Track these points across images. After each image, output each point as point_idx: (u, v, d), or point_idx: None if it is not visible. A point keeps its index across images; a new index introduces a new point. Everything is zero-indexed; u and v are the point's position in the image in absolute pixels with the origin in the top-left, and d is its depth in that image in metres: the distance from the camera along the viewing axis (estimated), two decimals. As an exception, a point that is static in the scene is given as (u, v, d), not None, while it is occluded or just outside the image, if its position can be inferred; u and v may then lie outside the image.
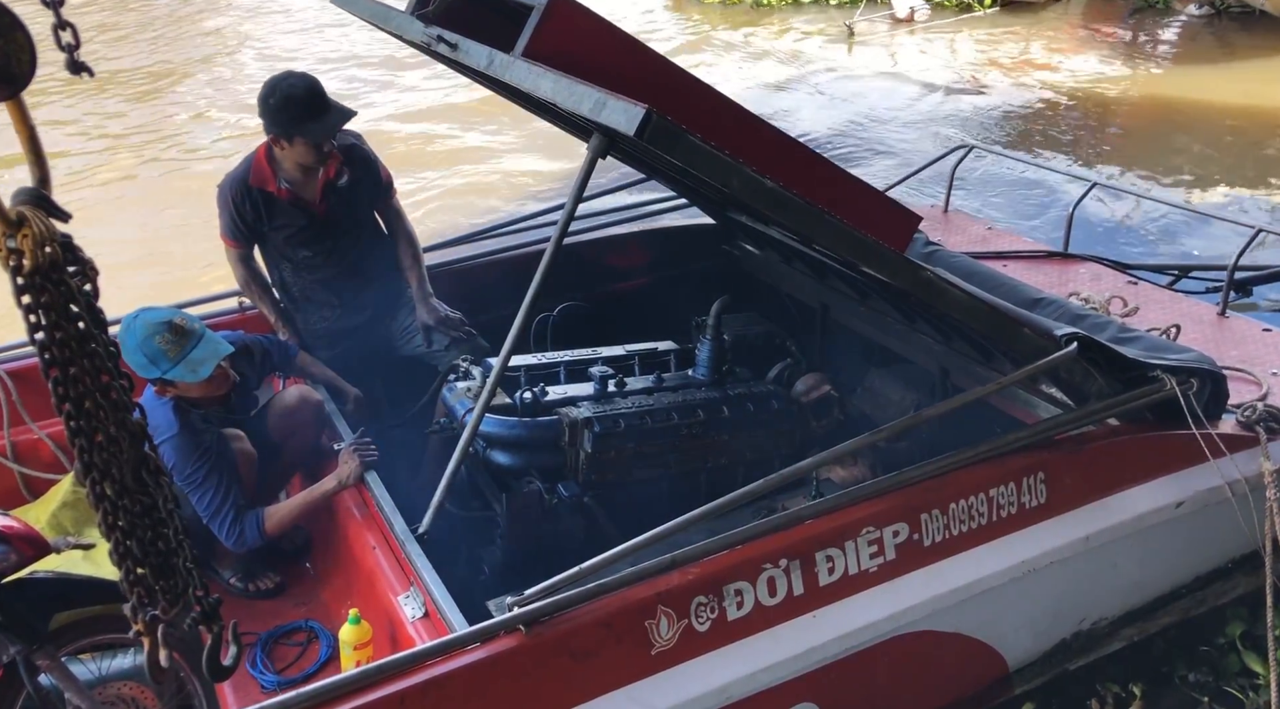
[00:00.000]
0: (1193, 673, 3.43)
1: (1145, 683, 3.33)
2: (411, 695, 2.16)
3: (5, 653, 2.72)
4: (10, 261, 1.31)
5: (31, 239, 1.30)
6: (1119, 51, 12.73)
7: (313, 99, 3.38)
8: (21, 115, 1.33)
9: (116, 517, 1.50)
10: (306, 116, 3.37)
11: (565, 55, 2.48)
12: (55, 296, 1.34)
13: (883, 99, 10.78)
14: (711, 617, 2.45)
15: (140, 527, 1.52)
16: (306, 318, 3.84)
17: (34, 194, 1.35)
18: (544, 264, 2.60)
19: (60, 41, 1.33)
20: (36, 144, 1.35)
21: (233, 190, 3.60)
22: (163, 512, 1.55)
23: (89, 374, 1.42)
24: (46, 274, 1.33)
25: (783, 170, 2.62)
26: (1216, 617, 3.53)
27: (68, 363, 1.39)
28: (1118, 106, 10.72)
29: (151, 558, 1.54)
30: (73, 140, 9.88)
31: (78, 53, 1.35)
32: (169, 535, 1.56)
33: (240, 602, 3.26)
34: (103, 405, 1.44)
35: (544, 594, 2.30)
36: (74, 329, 1.38)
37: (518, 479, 3.19)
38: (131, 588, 1.55)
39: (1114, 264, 4.82)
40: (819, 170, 2.85)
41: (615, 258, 4.61)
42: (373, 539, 2.93)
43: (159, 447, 2.90)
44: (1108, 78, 11.60)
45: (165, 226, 7.79)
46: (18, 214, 1.31)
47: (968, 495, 2.75)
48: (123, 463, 1.48)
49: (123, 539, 1.51)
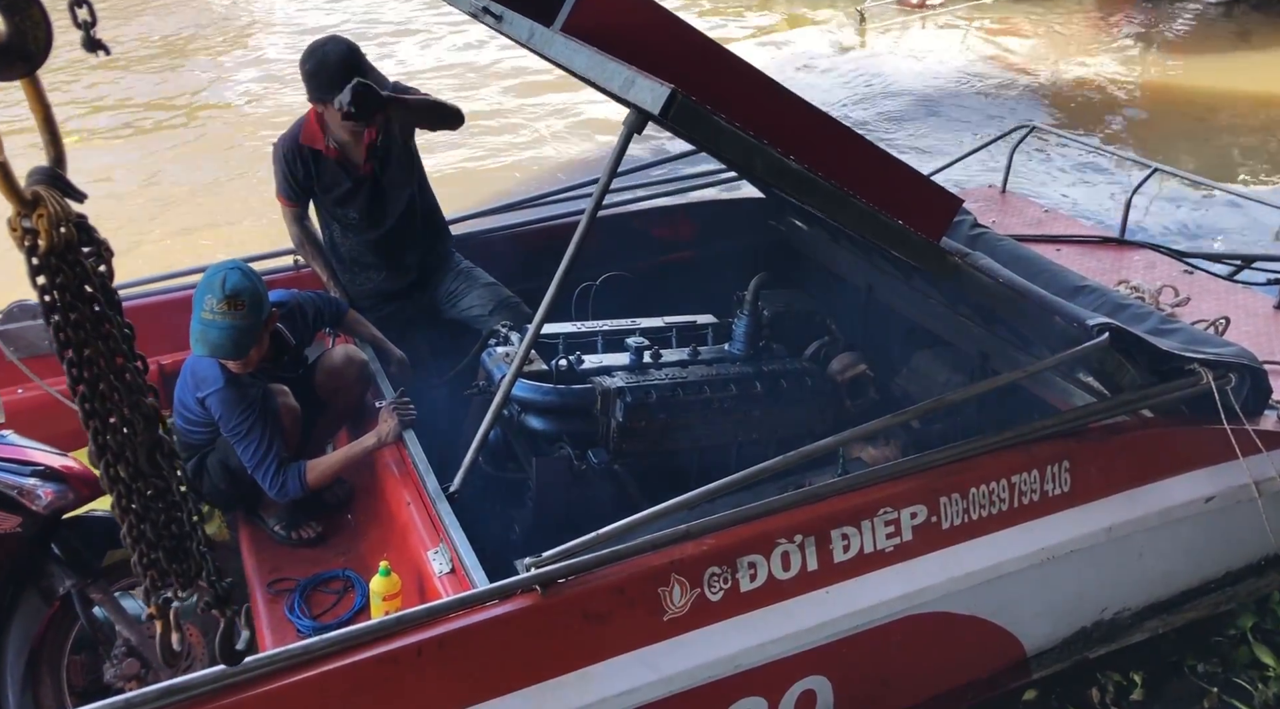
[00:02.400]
0: (1202, 664, 3.43)
1: (1152, 673, 3.34)
2: (429, 647, 2.25)
3: (62, 585, 2.90)
4: (26, 242, 1.31)
5: (47, 219, 1.29)
6: (1135, 38, 12.44)
7: (344, 67, 3.44)
8: (37, 93, 1.32)
9: (130, 500, 1.49)
10: (337, 84, 3.42)
11: (604, 30, 2.52)
12: (70, 277, 1.34)
13: (897, 83, 10.65)
14: (724, 587, 2.51)
15: (154, 510, 1.52)
16: (354, 279, 3.96)
17: (49, 174, 1.33)
18: (577, 236, 2.65)
19: (76, 18, 1.32)
20: (52, 123, 1.34)
21: (285, 148, 3.73)
22: (176, 496, 1.54)
23: (104, 356, 1.41)
24: (62, 255, 1.32)
25: (818, 151, 2.65)
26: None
27: (82, 344, 1.38)
28: (1135, 94, 10.47)
29: (165, 542, 1.54)
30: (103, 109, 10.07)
31: (94, 29, 1.33)
32: (182, 519, 1.56)
33: (283, 549, 3.39)
34: (117, 388, 1.43)
35: (560, 557, 2.38)
36: (89, 310, 1.37)
37: (550, 444, 3.27)
38: (145, 571, 1.55)
39: (1171, 252, 4.73)
40: (856, 151, 2.86)
41: (663, 229, 4.65)
42: (408, 495, 3.03)
43: (206, 399, 3.06)
44: (1124, 64, 11.36)
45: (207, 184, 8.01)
46: (33, 194, 1.30)
47: (989, 481, 2.77)
48: (137, 446, 1.47)
49: (136, 523, 1.51)
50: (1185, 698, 3.34)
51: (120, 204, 7.65)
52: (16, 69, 1.28)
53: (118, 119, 9.60)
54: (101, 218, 1.45)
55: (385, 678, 2.22)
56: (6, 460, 2.82)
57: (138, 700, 1.99)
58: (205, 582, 1.61)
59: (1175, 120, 9.64)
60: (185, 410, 3.24)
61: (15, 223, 1.30)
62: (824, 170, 2.63)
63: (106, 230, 1.42)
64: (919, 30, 12.77)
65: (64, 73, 9.95)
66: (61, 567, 2.89)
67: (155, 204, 7.83)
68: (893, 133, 9.19)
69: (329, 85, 3.47)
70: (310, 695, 2.16)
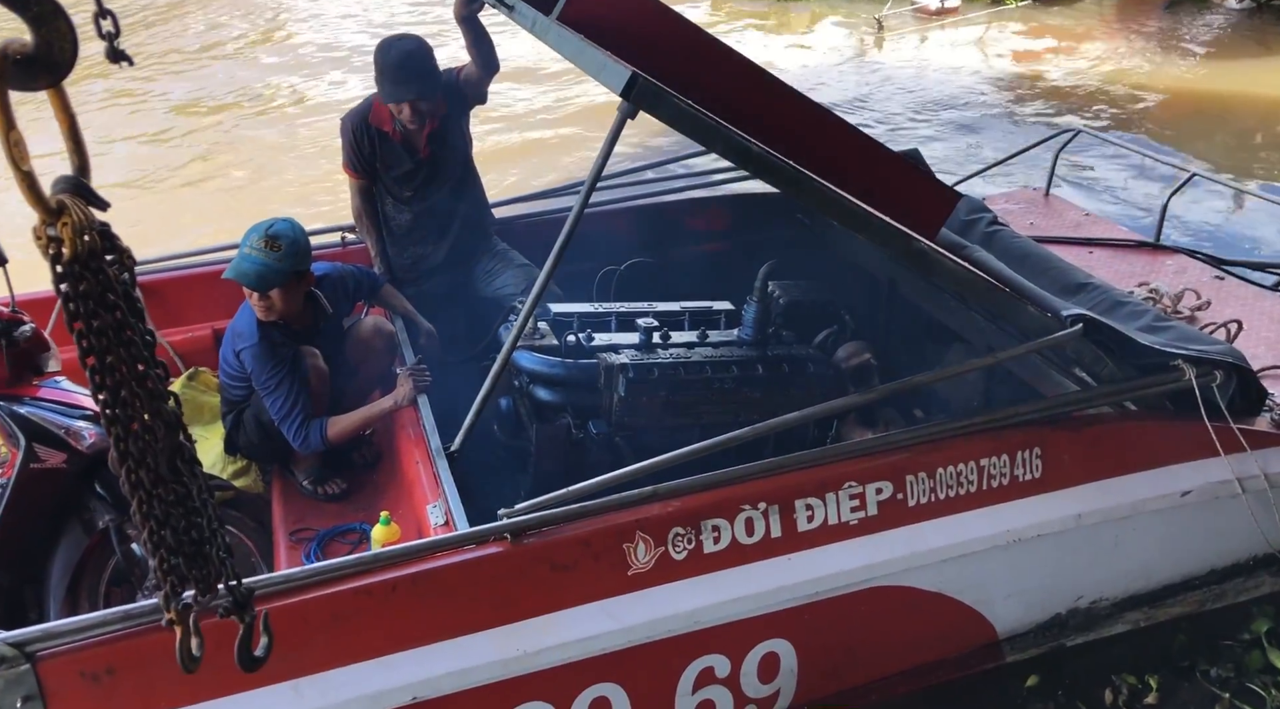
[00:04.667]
0: (1214, 668, 3.43)
1: (1164, 676, 3.36)
2: (403, 584, 2.46)
3: (101, 519, 3.18)
4: (50, 250, 1.32)
5: (71, 227, 1.31)
6: (1158, 45, 12.11)
7: (399, 68, 3.76)
8: (63, 103, 1.34)
9: (151, 505, 1.51)
10: (388, 81, 3.77)
11: (598, 20, 2.72)
12: (93, 285, 1.35)
13: (920, 91, 10.56)
14: (688, 547, 2.67)
15: (174, 515, 1.54)
16: (400, 253, 4.23)
17: (74, 182, 1.35)
18: (570, 220, 2.77)
19: (101, 30, 1.34)
20: (76, 132, 1.36)
21: (353, 125, 4.03)
22: (196, 501, 1.56)
23: (125, 363, 1.42)
24: (85, 262, 1.34)
25: (800, 137, 2.79)
26: (1240, 612, 3.51)
27: (105, 351, 1.40)
28: (1159, 101, 10.21)
29: (185, 547, 1.56)
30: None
31: (118, 41, 1.35)
32: (202, 524, 1.58)
33: (309, 502, 3.65)
34: (139, 394, 1.45)
35: (532, 509, 2.57)
36: (111, 318, 1.39)
37: (556, 414, 3.46)
38: (165, 576, 1.56)
39: (1208, 258, 4.71)
40: (844, 142, 3.01)
41: (695, 219, 4.80)
42: (417, 454, 3.25)
43: (242, 353, 3.34)
44: (1146, 72, 11.10)
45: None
46: (58, 202, 1.32)
47: (957, 462, 2.86)
48: (158, 451, 1.49)
49: (157, 528, 1.53)
50: (1198, 702, 3.35)
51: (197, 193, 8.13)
52: (43, 80, 1.30)
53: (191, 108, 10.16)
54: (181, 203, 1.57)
55: (361, 609, 2.44)
56: (58, 403, 3.13)
57: (134, 612, 2.25)
58: (224, 587, 1.63)
59: (1202, 125, 9.45)
60: (227, 366, 3.52)
61: (40, 231, 1.32)
62: (804, 156, 2.77)
63: (181, 205, 1.53)
64: (938, 37, 12.65)
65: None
66: (102, 503, 3.17)
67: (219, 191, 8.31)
68: (915, 138, 9.17)
69: (380, 81, 3.80)
70: (293, 620, 2.39)
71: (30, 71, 1.28)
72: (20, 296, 3.25)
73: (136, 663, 2.26)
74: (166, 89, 10.72)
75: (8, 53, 1.26)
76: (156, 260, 4.26)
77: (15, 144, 1.27)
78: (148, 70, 11.03)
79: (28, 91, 1.29)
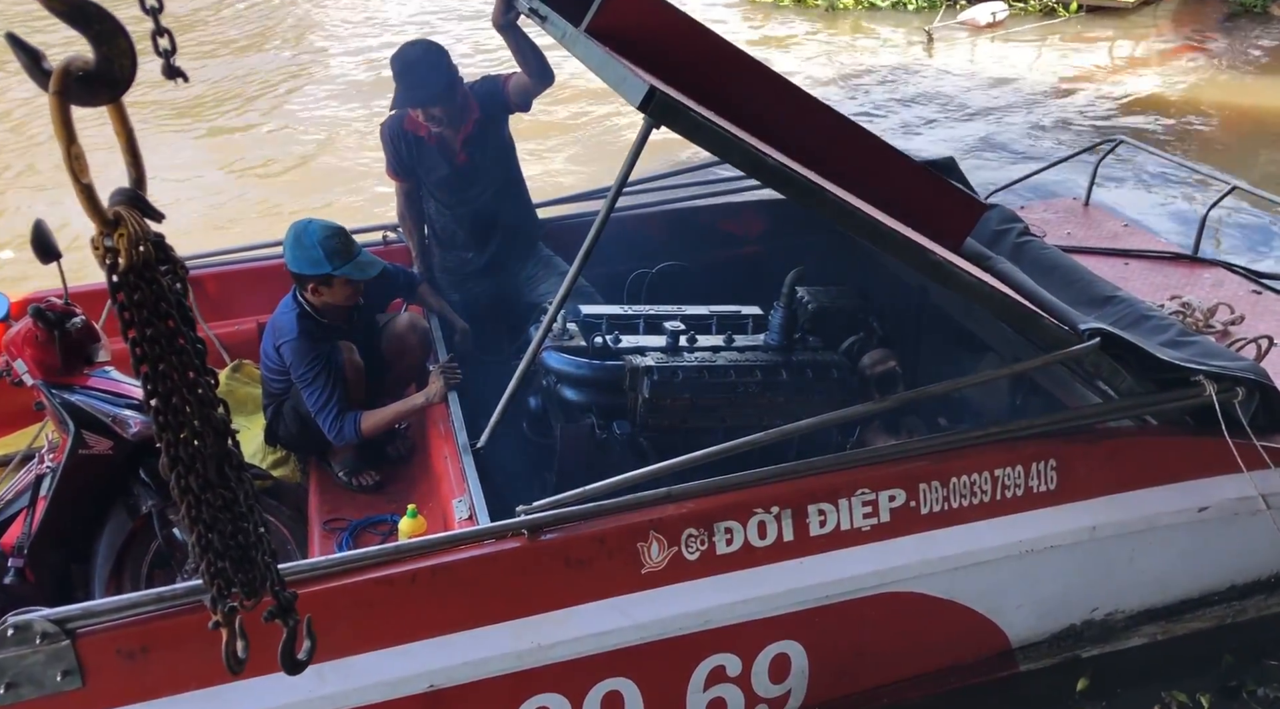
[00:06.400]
0: (1261, 688, 3.40)
1: (1213, 694, 3.35)
2: (423, 576, 2.56)
3: (145, 504, 3.32)
4: (107, 260, 1.36)
5: (127, 238, 1.35)
6: (1214, 57, 11.74)
7: (401, 76, 3.88)
8: (121, 117, 1.37)
9: (200, 510, 1.54)
10: (399, 88, 3.89)
11: (625, 32, 2.79)
12: (147, 294, 1.39)
13: (967, 100, 10.44)
14: (701, 548, 2.74)
15: (221, 520, 1.57)
16: (444, 255, 4.33)
17: (130, 195, 1.38)
18: (595, 226, 2.82)
19: (158, 47, 1.38)
20: (134, 146, 1.39)
21: (391, 130, 4.14)
22: (243, 506, 1.59)
23: (177, 370, 1.45)
24: (140, 272, 1.37)
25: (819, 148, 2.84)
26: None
27: (157, 359, 1.43)
28: (1213, 114, 9.95)
29: (231, 551, 1.59)
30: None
31: (174, 58, 1.39)
32: (249, 529, 1.61)
33: (344, 493, 3.77)
34: (189, 401, 1.48)
35: (549, 507, 2.66)
36: (164, 326, 1.42)
37: (582, 414, 3.54)
38: (211, 580, 1.59)
39: (1247, 272, 4.66)
40: (868, 156, 3.04)
41: (731, 224, 4.86)
42: (446, 450, 3.35)
43: (281, 347, 3.47)
44: (1203, 85, 10.79)
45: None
46: (114, 214, 1.35)
47: (971, 472, 2.90)
48: (207, 457, 1.52)
49: (204, 532, 1.56)
50: (1244, 721, 3.36)
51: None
52: (103, 96, 1.34)
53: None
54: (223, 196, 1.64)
55: (382, 598, 2.54)
56: (105, 392, 3.27)
57: (168, 595, 2.38)
58: (270, 592, 1.67)
59: (1256, 140, 9.25)
60: (267, 359, 3.66)
61: (98, 241, 1.36)
62: (826, 167, 2.83)
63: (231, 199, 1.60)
64: (988, 49, 12.48)
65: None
66: (146, 489, 3.32)
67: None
68: (959, 145, 9.10)
69: (398, 100, 3.92)
70: (315, 607, 2.48)
71: (91, 88, 1.32)
72: (73, 289, 3.39)
73: (170, 643, 2.39)
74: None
75: (70, 70, 1.30)
76: (205, 255, 4.42)
77: (76, 158, 1.31)
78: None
79: (88, 107, 1.33)
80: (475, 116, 4.06)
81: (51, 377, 3.22)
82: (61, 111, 1.30)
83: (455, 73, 3.96)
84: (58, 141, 1.31)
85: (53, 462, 3.28)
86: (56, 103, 1.30)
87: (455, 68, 3.96)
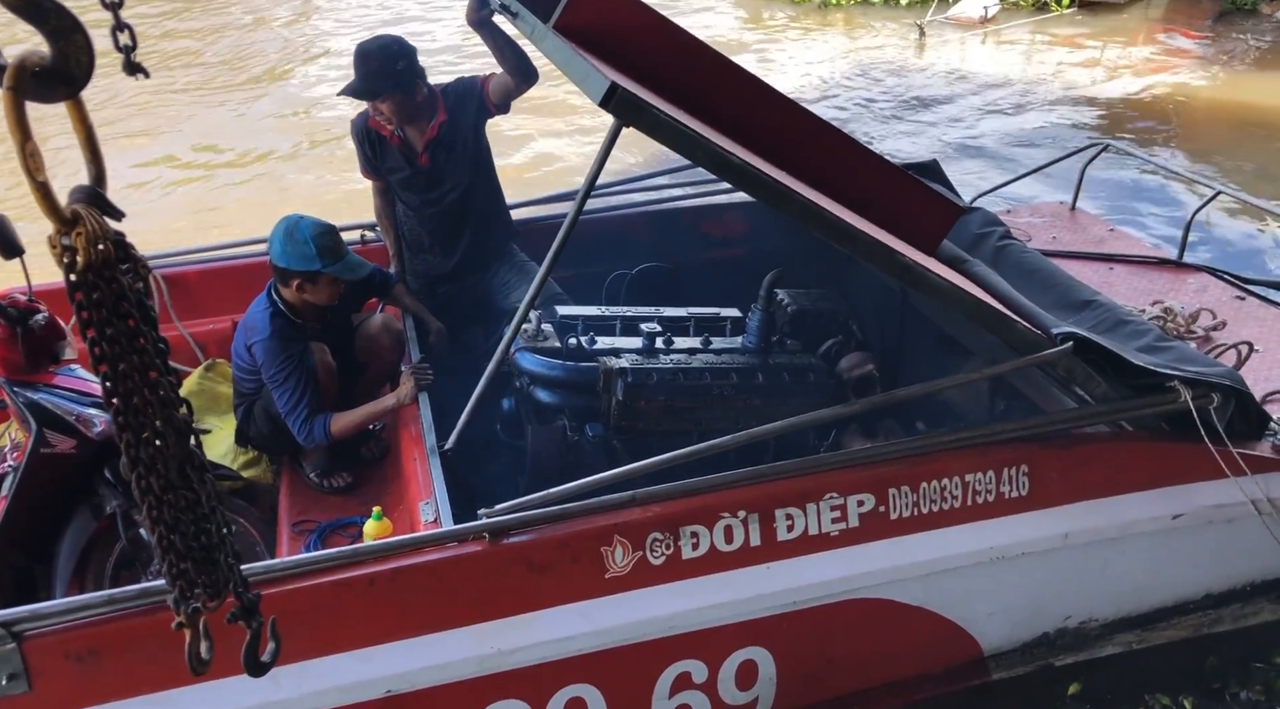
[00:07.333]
0: (1244, 690, 3.38)
1: (1196, 697, 3.32)
2: (381, 578, 2.52)
3: (109, 505, 3.28)
4: (64, 259, 1.34)
5: (85, 237, 1.33)
6: (1205, 55, 11.80)
7: (356, 65, 3.81)
8: (80, 115, 1.36)
9: (161, 511, 1.53)
10: (366, 90, 3.82)
11: (594, 29, 2.75)
12: (107, 294, 1.37)
13: (957, 99, 10.43)
14: (666, 553, 2.70)
15: (184, 521, 1.55)
16: (413, 258, 4.28)
17: (90, 192, 1.37)
18: (564, 228, 2.78)
19: (118, 43, 1.36)
20: (94, 142, 1.38)
21: (357, 129, 4.10)
22: (205, 508, 1.58)
23: (138, 370, 1.44)
24: (99, 271, 1.35)
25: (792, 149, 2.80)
26: (1274, 634, 3.46)
27: (117, 359, 1.41)
28: (1206, 113, 9.97)
29: (194, 553, 1.58)
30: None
31: (134, 54, 1.38)
32: (211, 531, 1.60)
33: (315, 494, 3.73)
34: (150, 402, 1.46)
35: (511, 510, 2.62)
36: (124, 326, 1.40)
37: (555, 416, 3.51)
38: (174, 581, 1.58)
39: (1232, 277, 4.63)
40: (840, 156, 3.00)
41: (713, 226, 4.82)
42: (416, 452, 3.31)
43: (253, 346, 3.43)
44: (1193, 82, 10.83)
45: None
46: (72, 212, 1.33)
47: (941, 477, 2.86)
48: (168, 458, 1.51)
49: (166, 533, 1.54)
50: (1228, 724, 3.34)
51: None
52: (60, 92, 1.32)
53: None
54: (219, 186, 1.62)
55: (340, 601, 2.50)
56: (70, 390, 3.23)
57: (118, 596, 2.33)
58: (233, 593, 1.66)
59: (1244, 141, 9.22)
60: (239, 359, 3.62)
61: (55, 240, 1.34)
62: (798, 169, 2.79)
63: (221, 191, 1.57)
64: (979, 46, 12.47)
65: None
66: (111, 489, 3.27)
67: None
68: (947, 146, 9.07)
69: (349, 87, 3.83)
70: (273, 609, 2.45)
71: (48, 84, 1.31)
72: (39, 286, 3.35)
73: (120, 646, 2.35)
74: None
75: (26, 65, 1.28)
76: (180, 253, 4.38)
77: (31, 155, 1.29)
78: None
79: (45, 103, 1.31)
80: (440, 119, 3.98)
81: (15, 374, 3.18)
82: (16, 108, 1.28)
83: (416, 73, 3.87)
84: (12, 138, 1.28)
85: (15, 461, 3.24)
86: (10, 99, 1.28)
87: (419, 68, 3.88)
